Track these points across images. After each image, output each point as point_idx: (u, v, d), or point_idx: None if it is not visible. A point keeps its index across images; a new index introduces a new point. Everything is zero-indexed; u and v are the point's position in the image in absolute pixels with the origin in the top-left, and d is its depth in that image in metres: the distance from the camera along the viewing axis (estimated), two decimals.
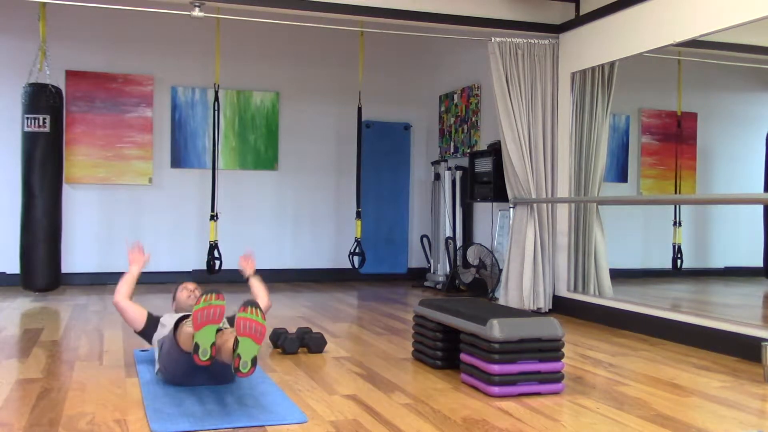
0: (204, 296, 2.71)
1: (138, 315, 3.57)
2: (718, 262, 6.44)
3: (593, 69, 5.65)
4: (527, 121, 5.87)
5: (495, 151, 6.41)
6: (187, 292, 3.72)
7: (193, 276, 7.72)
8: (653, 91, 6.35)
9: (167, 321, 3.44)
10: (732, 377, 3.66)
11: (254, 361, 2.65)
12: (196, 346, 2.67)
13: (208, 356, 2.68)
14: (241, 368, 2.62)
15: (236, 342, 2.62)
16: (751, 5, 4.17)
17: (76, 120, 7.42)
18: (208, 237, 7.40)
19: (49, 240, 6.33)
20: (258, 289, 3.92)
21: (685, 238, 6.21)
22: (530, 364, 3.18)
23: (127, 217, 7.62)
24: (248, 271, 3.98)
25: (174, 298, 3.78)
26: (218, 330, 2.75)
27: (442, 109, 8.42)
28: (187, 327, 2.93)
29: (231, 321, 3.49)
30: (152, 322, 3.56)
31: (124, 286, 3.65)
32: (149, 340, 3.57)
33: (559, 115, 5.93)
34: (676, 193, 6.33)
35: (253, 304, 2.70)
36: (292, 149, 8.21)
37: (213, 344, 2.67)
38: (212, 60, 7.58)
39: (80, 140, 7.43)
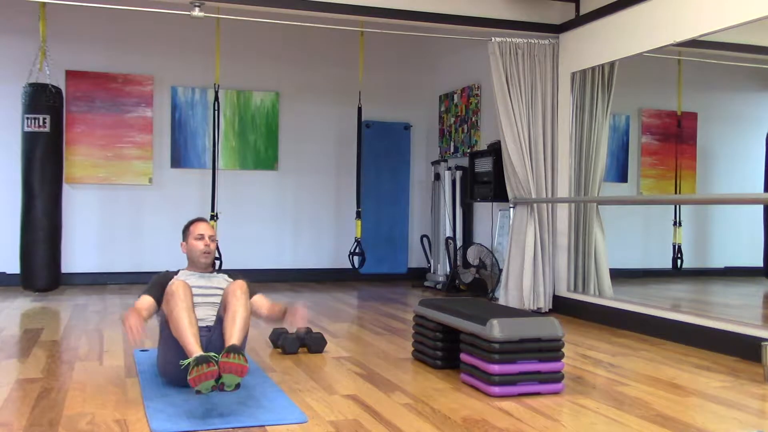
0: (194, 368, 2.70)
1: (151, 310, 3.41)
2: (718, 262, 6.45)
3: (593, 69, 5.66)
4: (527, 121, 5.87)
5: (495, 151, 6.41)
6: (202, 245, 3.45)
7: None
8: (653, 91, 6.35)
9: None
10: (732, 377, 3.66)
11: (238, 385, 2.78)
12: (198, 391, 2.75)
13: (210, 391, 2.77)
14: (225, 389, 2.77)
15: (220, 375, 2.73)
16: (751, 5, 4.17)
17: (76, 120, 7.41)
18: None
19: (49, 240, 6.33)
20: (273, 314, 3.43)
21: (685, 238, 6.21)
22: (530, 364, 3.18)
23: (127, 217, 7.62)
24: (293, 326, 3.30)
25: (185, 237, 3.50)
26: (215, 383, 2.77)
27: (442, 109, 8.42)
28: (180, 322, 2.96)
29: (233, 275, 3.52)
30: (160, 297, 3.42)
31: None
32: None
33: (559, 115, 5.93)
34: (676, 193, 6.33)
35: (235, 350, 2.78)
36: (292, 149, 8.21)
37: (213, 386, 2.75)
38: (212, 60, 7.58)
39: (80, 140, 7.43)
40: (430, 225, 8.19)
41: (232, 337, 3.00)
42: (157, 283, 3.34)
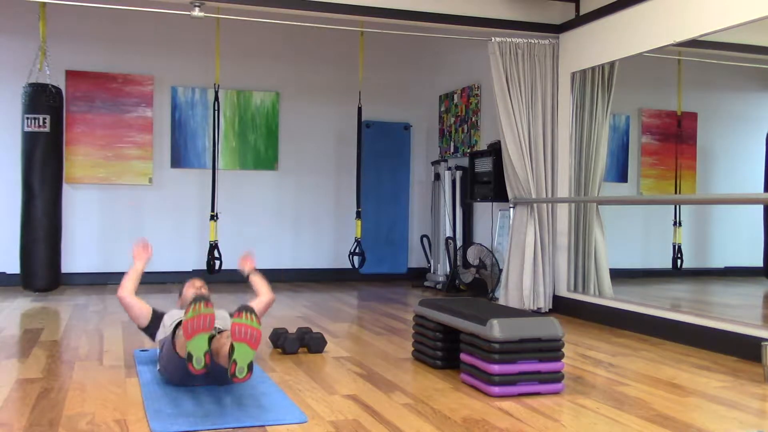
0: (192, 305, 2.65)
1: (143, 311, 3.55)
2: (718, 262, 6.44)
3: (593, 69, 5.66)
4: (527, 121, 5.87)
5: (495, 151, 6.41)
6: (193, 289, 3.72)
7: (193, 276, 7.73)
8: (653, 91, 6.35)
9: (168, 321, 3.45)
10: (732, 377, 3.66)
11: (250, 367, 2.66)
12: (189, 356, 2.66)
13: (202, 365, 2.66)
14: (237, 374, 2.64)
15: (232, 347, 2.63)
16: (751, 5, 4.17)
17: (76, 120, 7.42)
18: (208, 237, 7.40)
19: (49, 240, 6.33)
20: (259, 285, 3.93)
21: (685, 238, 6.21)
22: (530, 364, 3.18)
23: (127, 217, 7.62)
24: (247, 269, 3.98)
25: (180, 295, 3.80)
26: (212, 337, 2.72)
27: (442, 109, 8.42)
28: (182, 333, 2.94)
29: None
30: (156, 319, 3.55)
31: (129, 282, 3.61)
32: (152, 337, 3.58)
33: (559, 115, 5.93)
34: (676, 193, 6.33)
35: (248, 309, 2.69)
36: (292, 149, 8.21)
37: (206, 352, 2.65)
38: (212, 60, 7.58)
39: (80, 140, 7.43)
40: (430, 225, 8.19)
41: (257, 294, 3.03)
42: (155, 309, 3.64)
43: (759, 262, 6.06)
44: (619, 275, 5.80)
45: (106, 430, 2.62)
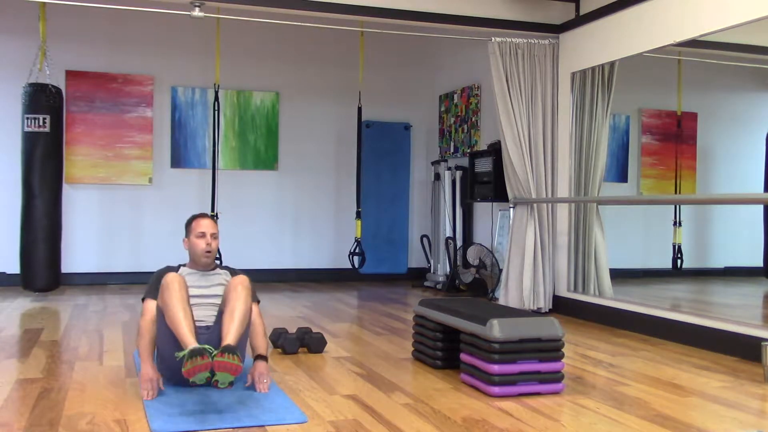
0: (189, 360, 2.75)
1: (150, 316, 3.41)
2: (718, 262, 6.44)
3: (593, 69, 5.65)
4: (527, 121, 5.87)
5: (495, 151, 6.41)
6: (204, 244, 3.38)
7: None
8: (653, 91, 6.34)
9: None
10: (732, 377, 3.66)
11: (232, 383, 2.85)
12: (193, 383, 2.84)
13: (204, 382, 2.83)
14: (219, 386, 2.84)
15: (213, 372, 2.79)
16: (751, 5, 4.17)
17: (76, 120, 7.41)
18: None
19: (49, 240, 6.33)
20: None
21: (685, 238, 6.21)
22: (530, 364, 3.18)
23: (127, 217, 7.62)
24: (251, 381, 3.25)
25: (187, 233, 3.44)
26: (210, 374, 2.82)
27: (442, 109, 8.42)
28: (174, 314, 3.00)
29: (234, 273, 3.42)
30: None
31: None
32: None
33: (559, 115, 5.93)
34: (676, 193, 6.33)
35: (230, 350, 2.82)
36: (292, 149, 8.21)
37: (207, 377, 2.80)
38: (212, 60, 7.59)
39: (80, 140, 7.43)
40: (430, 225, 8.19)
41: (229, 335, 3.00)
42: (156, 282, 3.30)
43: (759, 262, 6.06)
44: (619, 275, 5.80)
45: (106, 430, 2.62)
